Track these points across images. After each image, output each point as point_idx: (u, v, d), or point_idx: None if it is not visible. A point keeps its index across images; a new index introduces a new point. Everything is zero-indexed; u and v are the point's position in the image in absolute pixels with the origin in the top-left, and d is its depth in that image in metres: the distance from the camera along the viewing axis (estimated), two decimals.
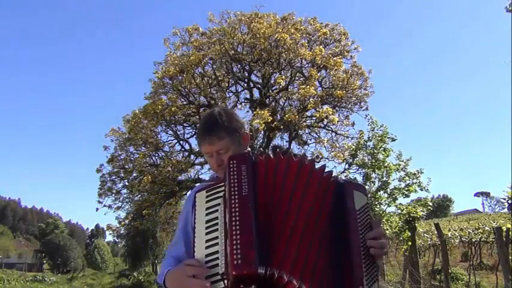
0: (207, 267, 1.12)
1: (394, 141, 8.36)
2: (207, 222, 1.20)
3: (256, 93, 11.43)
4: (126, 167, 11.12)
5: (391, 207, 8.44)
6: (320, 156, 9.68)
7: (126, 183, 11.30)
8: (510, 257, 6.57)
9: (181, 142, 11.49)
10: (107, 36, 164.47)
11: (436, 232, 9.09)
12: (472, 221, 23.01)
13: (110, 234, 14.77)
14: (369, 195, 7.97)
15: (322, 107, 10.06)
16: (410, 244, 8.22)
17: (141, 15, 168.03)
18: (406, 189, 8.25)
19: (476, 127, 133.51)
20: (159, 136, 11.22)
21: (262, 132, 9.88)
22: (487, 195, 54.77)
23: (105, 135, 11.52)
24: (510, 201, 6.77)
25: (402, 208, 8.26)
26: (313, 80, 9.83)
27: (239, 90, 11.65)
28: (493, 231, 9.68)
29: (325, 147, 10.37)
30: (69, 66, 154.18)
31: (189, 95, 10.73)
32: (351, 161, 9.29)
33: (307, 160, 1.27)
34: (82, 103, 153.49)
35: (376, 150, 8.38)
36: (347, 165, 9.43)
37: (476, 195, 56.37)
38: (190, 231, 1.35)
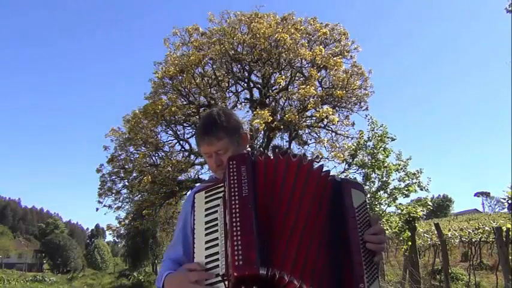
0: (207, 268, 1.11)
1: (394, 141, 8.38)
2: (207, 223, 1.20)
3: (256, 93, 11.45)
4: (126, 167, 11.13)
5: (391, 207, 8.47)
6: (320, 156, 9.66)
7: (126, 183, 11.31)
8: (510, 257, 6.57)
9: (181, 142, 11.50)
10: (107, 36, 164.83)
11: (436, 232, 9.09)
12: (472, 221, 23.01)
13: (110, 234, 14.76)
14: (368, 195, 7.98)
15: (322, 107, 10.06)
16: (410, 244, 8.22)
17: (141, 15, 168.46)
18: (406, 189, 8.26)
19: (476, 127, 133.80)
20: (159, 136, 11.24)
21: (262, 132, 9.88)
22: (487, 195, 54.78)
23: (105, 135, 11.56)
24: (510, 201, 6.76)
25: (402, 208, 8.26)
26: (313, 80, 9.83)
27: (239, 90, 11.68)
28: (493, 231, 9.69)
29: (325, 147, 10.38)
30: (69, 66, 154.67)
31: (189, 95, 10.73)
32: (350, 161, 9.30)
33: (305, 160, 1.27)
34: (82, 103, 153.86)
35: (376, 150, 8.40)
36: (347, 165, 9.44)
37: (476, 195, 56.42)
38: (189, 232, 1.34)
